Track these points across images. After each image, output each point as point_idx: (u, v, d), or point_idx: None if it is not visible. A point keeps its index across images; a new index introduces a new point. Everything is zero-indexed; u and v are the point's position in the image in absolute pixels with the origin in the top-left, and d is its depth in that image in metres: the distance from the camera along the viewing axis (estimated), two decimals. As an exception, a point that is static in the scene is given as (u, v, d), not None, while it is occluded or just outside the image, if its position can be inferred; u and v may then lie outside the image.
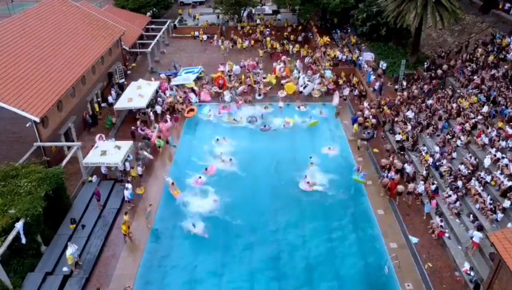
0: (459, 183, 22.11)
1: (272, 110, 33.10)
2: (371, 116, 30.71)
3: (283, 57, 40.75)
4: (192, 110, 32.67)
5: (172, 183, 24.11)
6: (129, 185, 23.63)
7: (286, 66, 38.99)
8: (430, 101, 30.03)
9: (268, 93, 35.56)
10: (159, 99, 33.53)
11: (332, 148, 27.97)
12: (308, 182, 24.71)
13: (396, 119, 30.08)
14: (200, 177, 25.27)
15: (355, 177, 24.95)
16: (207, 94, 34.69)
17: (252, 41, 47.40)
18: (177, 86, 36.02)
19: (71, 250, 18.94)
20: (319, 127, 31.11)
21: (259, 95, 35.42)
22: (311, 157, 26.96)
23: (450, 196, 21.91)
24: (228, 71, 38.20)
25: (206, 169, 26.16)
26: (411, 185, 23.46)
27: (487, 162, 22.11)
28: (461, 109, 27.06)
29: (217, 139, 29.11)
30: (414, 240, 20.78)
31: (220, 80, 36.53)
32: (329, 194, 24.18)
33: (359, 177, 24.92)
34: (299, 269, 19.75)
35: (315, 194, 24.07)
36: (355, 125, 29.67)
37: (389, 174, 24.34)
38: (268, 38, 46.97)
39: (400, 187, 23.39)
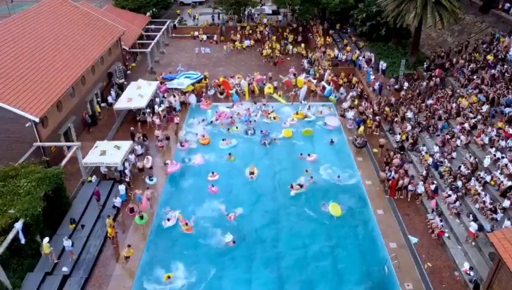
0: (459, 183, 22.10)
1: (278, 121, 31.48)
2: (371, 116, 30.76)
3: (291, 69, 38.38)
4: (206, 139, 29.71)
5: (186, 223, 22.04)
6: (122, 187, 23.70)
7: (296, 77, 37.01)
8: (430, 101, 30.03)
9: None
10: (156, 99, 33.47)
11: (312, 155, 27.35)
12: (296, 186, 24.38)
13: (396, 119, 30.09)
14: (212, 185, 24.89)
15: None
16: (205, 104, 34.13)
17: (252, 42, 47.43)
18: (173, 89, 35.14)
19: (47, 239, 19.09)
20: (321, 129, 30.73)
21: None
22: (301, 154, 27.30)
23: (449, 195, 21.89)
24: (237, 84, 36.38)
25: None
26: (406, 180, 23.63)
27: (487, 162, 22.11)
28: (461, 109, 27.06)
29: (223, 139, 29.26)
30: (414, 240, 20.77)
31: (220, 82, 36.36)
32: (329, 195, 24.15)
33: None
34: (298, 269, 19.72)
35: (315, 197, 23.97)
36: (362, 128, 29.52)
37: (389, 173, 24.37)
38: (274, 37, 47.21)
39: (400, 182, 23.64)
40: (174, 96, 33.70)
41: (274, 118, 31.73)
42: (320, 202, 23.46)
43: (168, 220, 22.06)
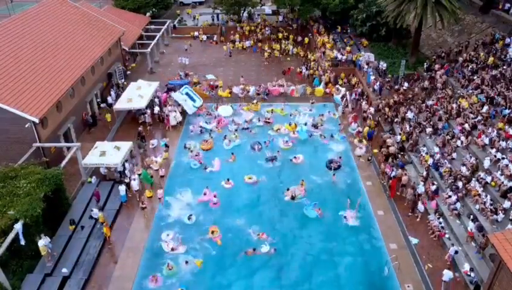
0: (459, 183, 22.06)
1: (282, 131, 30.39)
2: (371, 116, 30.79)
3: (279, 81, 36.91)
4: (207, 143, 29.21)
5: (212, 232, 21.62)
6: (122, 187, 23.67)
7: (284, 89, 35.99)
8: (430, 102, 29.99)
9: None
10: (155, 100, 33.42)
11: (298, 156, 27.35)
12: (290, 194, 24.13)
13: (396, 119, 30.06)
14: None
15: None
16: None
17: (252, 42, 47.37)
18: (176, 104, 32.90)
19: (43, 241, 18.99)
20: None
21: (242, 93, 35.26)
22: (291, 160, 27.10)
23: (450, 196, 21.86)
24: (241, 90, 35.49)
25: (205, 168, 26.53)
26: (405, 178, 23.78)
27: (487, 162, 22.06)
28: (461, 109, 27.01)
29: (225, 137, 29.25)
30: (414, 240, 20.75)
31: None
32: (329, 197, 24.16)
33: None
34: (298, 270, 19.72)
35: (317, 199, 23.87)
36: (366, 128, 29.60)
37: (391, 172, 24.44)
38: (280, 35, 47.50)
39: (405, 179, 23.75)
40: (175, 112, 31.48)
41: (278, 129, 30.61)
42: (316, 203, 23.35)
43: (172, 249, 20.62)
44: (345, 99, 33.56)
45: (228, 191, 24.71)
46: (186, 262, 19.62)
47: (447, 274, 18.15)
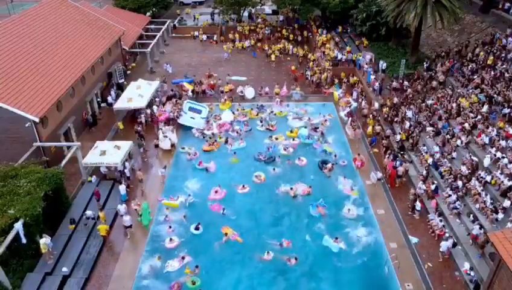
0: (459, 183, 22.08)
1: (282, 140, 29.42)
2: (371, 116, 30.80)
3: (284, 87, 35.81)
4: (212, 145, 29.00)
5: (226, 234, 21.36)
6: (122, 187, 23.62)
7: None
8: (430, 101, 30.02)
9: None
10: (156, 99, 33.38)
11: (302, 158, 27.23)
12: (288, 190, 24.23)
13: (396, 119, 30.07)
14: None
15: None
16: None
17: (252, 41, 47.39)
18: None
19: (45, 240, 19.02)
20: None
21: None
22: (289, 161, 27.08)
23: (450, 195, 21.87)
24: (241, 91, 35.57)
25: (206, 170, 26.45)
26: (400, 169, 24.13)
27: (487, 161, 22.08)
28: (461, 109, 27.03)
29: (227, 139, 29.28)
30: (414, 240, 20.75)
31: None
32: (330, 196, 24.16)
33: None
34: (297, 269, 19.69)
35: (315, 199, 23.84)
36: (370, 128, 29.62)
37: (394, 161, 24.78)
38: (284, 31, 47.58)
39: (400, 169, 24.07)
40: (172, 132, 29.60)
41: (277, 138, 29.72)
42: (326, 206, 23.32)
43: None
44: (349, 119, 30.80)
45: (242, 196, 24.37)
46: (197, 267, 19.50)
47: (444, 245, 19.14)
